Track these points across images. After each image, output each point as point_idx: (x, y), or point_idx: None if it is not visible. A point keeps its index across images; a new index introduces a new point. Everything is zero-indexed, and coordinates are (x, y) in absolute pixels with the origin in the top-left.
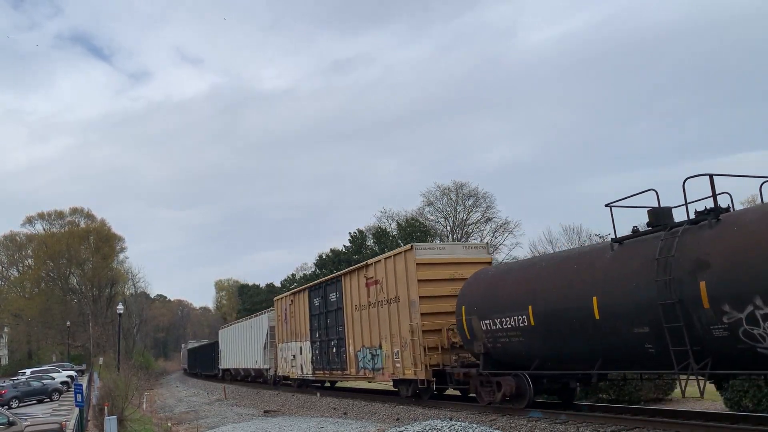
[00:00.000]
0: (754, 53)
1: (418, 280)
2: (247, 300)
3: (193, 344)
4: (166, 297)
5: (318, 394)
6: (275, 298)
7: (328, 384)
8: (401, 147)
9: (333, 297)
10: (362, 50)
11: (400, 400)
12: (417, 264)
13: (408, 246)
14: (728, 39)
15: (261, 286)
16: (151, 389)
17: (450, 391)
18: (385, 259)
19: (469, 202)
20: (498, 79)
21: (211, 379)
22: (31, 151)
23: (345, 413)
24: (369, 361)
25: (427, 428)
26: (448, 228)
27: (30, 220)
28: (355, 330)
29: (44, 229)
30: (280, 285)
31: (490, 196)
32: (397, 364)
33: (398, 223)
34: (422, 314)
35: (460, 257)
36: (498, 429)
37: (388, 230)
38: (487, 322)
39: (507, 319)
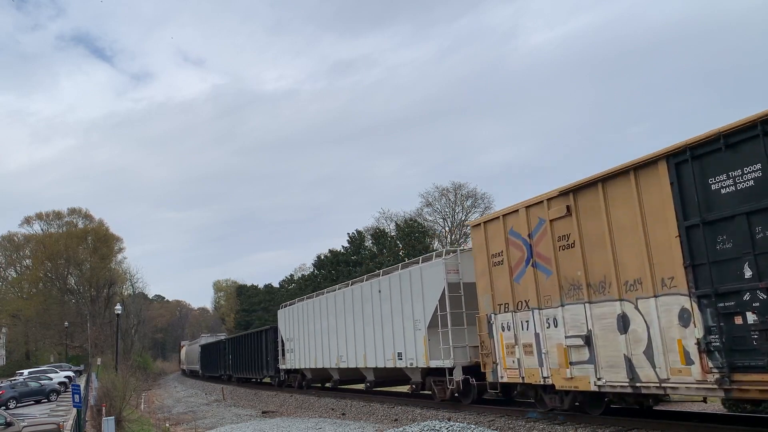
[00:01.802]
0: (754, 54)
1: None
2: (245, 300)
3: (207, 338)
4: (164, 298)
5: None
6: (473, 224)
7: None
8: (402, 149)
9: None
10: (364, 52)
11: (398, 400)
12: None
13: None
14: (729, 41)
15: (259, 286)
16: (149, 390)
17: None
18: None
19: (468, 203)
20: (499, 81)
21: (264, 387)
22: (33, 152)
23: (343, 414)
24: None
25: (425, 429)
26: (447, 229)
27: (28, 221)
28: None
29: (42, 230)
30: (278, 285)
31: (488, 197)
32: None
33: (397, 223)
34: None
35: None
36: (496, 430)
37: (386, 231)
38: None
39: None
